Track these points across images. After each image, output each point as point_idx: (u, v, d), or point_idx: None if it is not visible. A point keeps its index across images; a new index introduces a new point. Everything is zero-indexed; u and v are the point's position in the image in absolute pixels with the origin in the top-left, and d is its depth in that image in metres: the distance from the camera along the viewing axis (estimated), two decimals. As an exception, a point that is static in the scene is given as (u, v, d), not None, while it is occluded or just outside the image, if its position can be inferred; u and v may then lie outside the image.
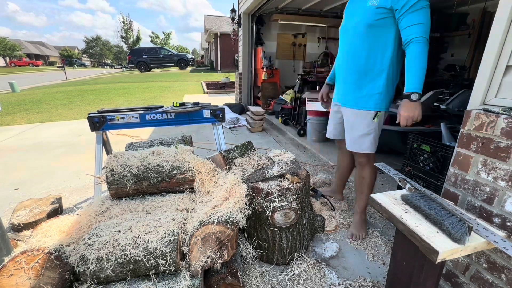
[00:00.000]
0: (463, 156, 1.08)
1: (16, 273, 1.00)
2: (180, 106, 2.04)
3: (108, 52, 56.56)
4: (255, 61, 6.11)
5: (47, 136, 4.11)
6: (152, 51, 19.99)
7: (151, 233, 1.11)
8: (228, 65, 19.76)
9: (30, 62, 39.01)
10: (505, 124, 0.92)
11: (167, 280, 1.08)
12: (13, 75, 21.43)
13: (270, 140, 4.12)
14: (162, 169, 1.53)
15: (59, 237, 1.22)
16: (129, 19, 41.28)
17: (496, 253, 0.99)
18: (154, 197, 1.56)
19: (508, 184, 0.93)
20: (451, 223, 0.84)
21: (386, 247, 1.67)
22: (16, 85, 9.88)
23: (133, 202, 1.50)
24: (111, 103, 7.16)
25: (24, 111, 6.07)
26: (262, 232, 1.45)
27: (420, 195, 1.01)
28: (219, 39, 19.57)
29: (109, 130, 1.94)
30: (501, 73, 0.99)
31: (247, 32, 5.90)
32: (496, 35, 0.98)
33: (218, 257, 1.14)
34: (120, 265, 1.04)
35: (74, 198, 2.26)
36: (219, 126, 2.18)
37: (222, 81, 10.97)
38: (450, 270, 1.18)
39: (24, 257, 1.03)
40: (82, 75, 21.80)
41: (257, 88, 6.31)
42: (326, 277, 1.42)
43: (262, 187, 1.39)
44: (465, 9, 4.68)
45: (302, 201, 1.47)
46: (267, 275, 1.44)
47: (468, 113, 1.05)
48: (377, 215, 2.01)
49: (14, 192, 2.38)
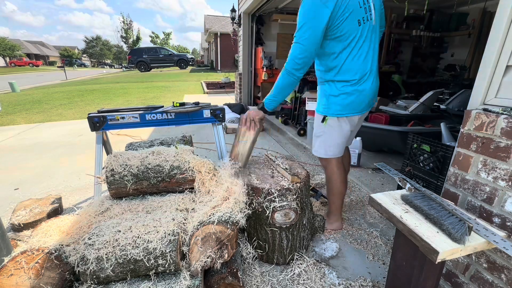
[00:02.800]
0: (463, 156, 1.08)
1: (16, 273, 1.00)
2: (180, 106, 2.04)
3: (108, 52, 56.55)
4: (255, 61, 6.11)
5: (47, 136, 4.11)
6: (152, 51, 20.00)
7: (151, 233, 1.11)
8: (228, 65, 19.76)
9: (30, 62, 39.03)
10: (505, 124, 0.92)
11: (167, 280, 1.08)
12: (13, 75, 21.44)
13: (270, 140, 4.12)
14: (162, 169, 1.52)
15: (59, 237, 1.22)
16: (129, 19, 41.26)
17: (496, 253, 0.99)
18: (154, 197, 1.56)
19: (508, 184, 0.93)
20: (451, 223, 0.84)
21: (386, 247, 1.67)
22: (16, 85, 9.87)
23: (133, 202, 1.50)
24: (111, 103, 7.16)
25: (24, 111, 6.07)
26: (262, 232, 1.45)
27: (420, 195, 1.02)
28: (219, 39, 19.57)
29: (109, 130, 1.94)
30: (501, 73, 0.99)
31: (247, 32, 5.90)
32: (496, 35, 0.98)
33: (218, 257, 1.14)
34: (120, 265, 1.04)
35: (74, 198, 2.26)
36: (219, 126, 2.18)
37: (222, 81, 10.97)
38: (450, 270, 1.18)
39: (24, 257, 1.03)
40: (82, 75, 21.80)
41: (257, 88, 6.30)
42: (326, 277, 1.42)
43: (262, 187, 1.39)
44: (465, 9, 4.68)
45: (302, 201, 1.47)
46: (267, 275, 1.44)
47: (468, 113, 1.05)
48: (377, 215, 2.01)
49: (14, 192, 2.38)
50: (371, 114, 3.08)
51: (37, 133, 4.26)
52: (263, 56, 5.72)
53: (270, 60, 5.78)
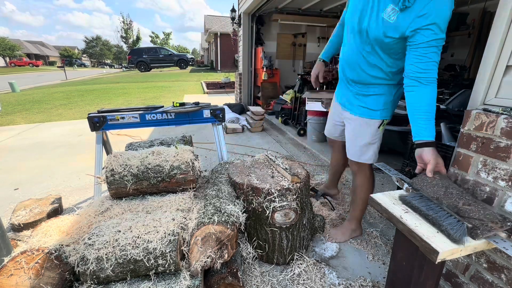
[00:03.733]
0: (463, 156, 1.08)
1: (16, 273, 1.00)
2: (180, 106, 2.04)
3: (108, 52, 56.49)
4: (255, 61, 6.11)
5: (47, 136, 4.11)
6: (152, 51, 20.01)
7: (151, 233, 1.11)
8: (228, 65, 19.76)
9: (30, 62, 39.03)
10: (505, 124, 0.92)
11: (167, 280, 1.08)
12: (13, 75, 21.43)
13: (270, 140, 4.12)
14: (162, 169, 1.53)
15: (59, 237, 1.22)
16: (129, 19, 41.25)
17: (496, 253, 0.99)
18: (154, 197, 1.56)
19: (508, 184, 0.93)
20: (450, 223, 0.84)
21: (386, 247, 1.67)
22: (16, 85, 9.88)
23: (133, 202, 1.51)
24: (111, 103, 7.16)
25: (24, 111, 6.07)
26: (262, 232, 1.45)
27: (418, 195, 1.01)
28: (219, 39, 19.57)
29: (109, 130, 1.94)
30: (501, 73, 0.99)
31: (247, 32, 5.90)
32: (496, 35, 0.98)
33: (218, 257, 1.14)
34: (120, 265, 1.04)
35: (74, 198, 2.26)
36: (219, 126, 2.18)
37: (222, 81, 10.97)
38: (450, 270, 1.18)
39: (24, 257, 1.03)
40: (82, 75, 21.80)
41: (257, 88, 6.30)
42: (326, 277, 1.42)
43: (262, 187, 1.39)
44: (465, 9, 4.68)
45: (302, 201, 1.47)
46: (267, 275, 1.44)
47: (468, 113, 1.05)
48: (377, 215, 2.01)
49: (14, 192, 2.38)
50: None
51: (37, 133, 4.26)
52: (263, 56, 5.72)
53: (270, 60, 5.78)
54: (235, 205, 1.32)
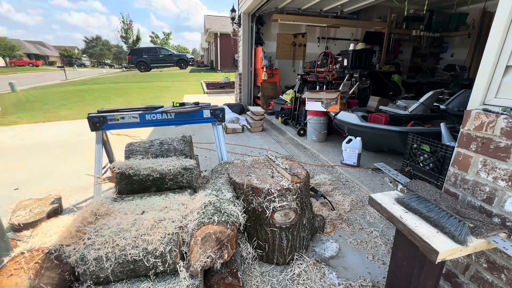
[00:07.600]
0: (463, 156, 1.08)
1: (16, 273, 1.00)
2: (180, 106, 2.04)
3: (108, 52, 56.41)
4: (255, 61, 6.11)
5: (47, 136, 4.11)
6: (152, 51, 20.00)
7: (150, 234, 1.11)
8: (228, 65, 19.75)
9: (30, 62, 38.99)
10: (505, 124, 0.92)
11: (167, 280, 1.08)
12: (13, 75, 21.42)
13: (270, 140, 4.12)
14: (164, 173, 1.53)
15: (59, 237, 1.22)
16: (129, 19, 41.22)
17: (496, 253, 0.99)
18: (154, 197, 1.56)
19: (508, 184, 0.93)
20: (452, 224, 0.84)
21: (386, 247, 1.67)
22: (16, 85, 9.87)
23: (133, 202, 1.51)
24: (111, 103, 7.15)
25: (24, 111, 6.07)
26: (262, 232, 1.45)
27: (415, 196, 1.01)
28: (219, 39, 19.56)
29: (109, 130, 1.94)
30: (501, 73, 0.99)
31: (247, 32, 5.90)
32: (496, 35, 0.98)
33: (218, 257, 1.14)
34: (120, 265, 1.04)
35: (74, 198, 2.26)
36: (219, 126, 2.17)
37: (222, 81, 10.97)
38: (450, 270, 1.18)
39: (24, 257, 1.03)
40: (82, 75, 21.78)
41: (257, 88, 6.31)
42: (326, 277, 1.42)
43: (262, 187, 1.39)
44: (465, 9, 4.69)
45: (302, 201, 1.47)
46: (267, 275, 1.44)
47: (468, 113, 1.05)
48: (377, 215, 2.01)
49: (14, 192, 2.37)
50: (371, 114, 3.08)
51: (37, 133, 4.26)
52: (263, 56, 5.72)
53: (270, 60, 5.78)
54: (235, 205, 1.31)
